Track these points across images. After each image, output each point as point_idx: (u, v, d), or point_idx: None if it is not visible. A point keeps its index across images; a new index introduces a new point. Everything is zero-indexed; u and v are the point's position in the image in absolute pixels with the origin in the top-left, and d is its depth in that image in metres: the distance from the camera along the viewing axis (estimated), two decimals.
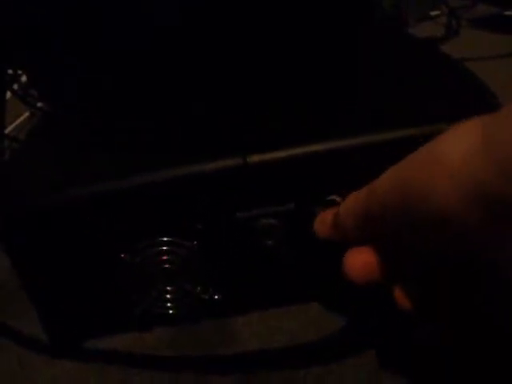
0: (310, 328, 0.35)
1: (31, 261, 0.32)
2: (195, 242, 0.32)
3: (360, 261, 0.26)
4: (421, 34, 0.73)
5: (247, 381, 0.33)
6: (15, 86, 0.62)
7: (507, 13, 0.80)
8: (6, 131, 0.58)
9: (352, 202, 0.27)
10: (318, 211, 0.32)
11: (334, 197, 0.32)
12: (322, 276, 0.35)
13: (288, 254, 0.33)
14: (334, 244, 0.29)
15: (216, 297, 0.34)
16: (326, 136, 0.31)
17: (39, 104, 0.62)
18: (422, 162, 0.20)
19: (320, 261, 0.33)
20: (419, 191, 0.20)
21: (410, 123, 0.31)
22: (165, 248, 0.32)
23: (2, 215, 0.30)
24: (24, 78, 0.66)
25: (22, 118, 0.63)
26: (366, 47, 0.42)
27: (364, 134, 0.31)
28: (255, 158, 0.30)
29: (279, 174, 0.31)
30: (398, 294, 0.26)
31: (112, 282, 0.33)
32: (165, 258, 0.32)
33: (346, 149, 0.31)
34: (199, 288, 0.34)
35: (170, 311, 0.34)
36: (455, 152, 0.18)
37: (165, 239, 0.31)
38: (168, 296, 0.34)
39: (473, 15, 0.83)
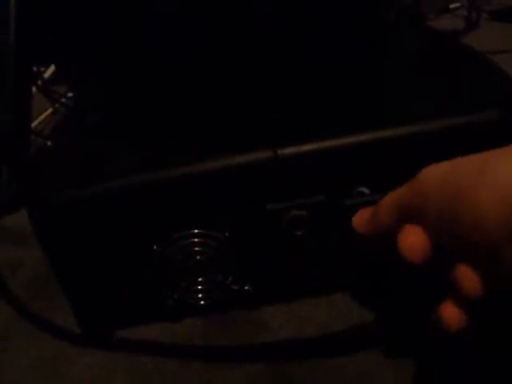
0: (338, 319, 0.35)
1: (65, 252, 0.33)
2: (226, 234, 0.32)
3: (417, 240, 0.26)
4: (440, 27, 0.73)
5: (276, 370, 0.33)
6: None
7: None
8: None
9: (395, 199, 0.28)
10: (348, 203, 0.32)
11: (363, 189, 0.32)
12: (351, 267, 0.35)
13: (317, 245, 0.33)
14: (372, 238, 0.29)
15: (246, 287, 0.35)
16: (356, 129, 0.31)
17: (62, 99, 0.63)
18: (474, 173, 0.22)
19: (348, 252, 0.34)
20: (470, 198, 0.22)
21: (438, 116, 0.31)
22: (196, 239, 0.32)
23: (38, 206, 0.31)
24: (47, 75, 0.67)
25: (45, 114, 0.64)
26: (391, 41, 0.42)
27: (393, 126, 0.31)
28: (286, 151, 0.30)
29: (309, 167, 0.31)
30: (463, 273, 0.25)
31: (144, 273, 0.34)
32: (196, 249, 0.33)
33: (376, 141, 0.31)
34: (230, 279, 0.34)
35: (201, 302, 0.35)
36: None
37: (196, 231, 0.32)
38: (199, 287, 0.34)
39: (493, 7, 0.82)
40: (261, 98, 0.36)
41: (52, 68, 0.69)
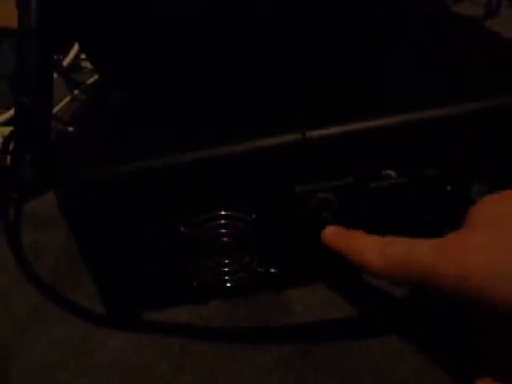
0: (362, 301, 0.36)
1: (93, 233, 0.33)
2: (253, 216, 0.32)
3: None
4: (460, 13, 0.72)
5: (302, 352, 0.33)
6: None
7: None
8: None
9: (413, 265, 0.26)
10: (375, 186, 0.32)
11: (389, 172, 0.32)
12: None
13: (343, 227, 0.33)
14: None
15: (272, 270, 0.35)
16: (383, 112, 0.31)
17: (82, 86, 0.63)
18: None
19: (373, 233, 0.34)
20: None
21: (462, 100, 0.31)
22: (223, 221, 0.32)
23: (67, 187, 0.31)
24: (65, 63, 0.68)
25: (65, 101, 0.65)
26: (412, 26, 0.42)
27: (419, 110, 0.31)
28: (314, 134, 0.30)
29: (337, 149, 0.31)
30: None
31: (171, 254, 0.34)
32: (223, 231, 0.33)
33: (403, 124, 0.31)
34: (256, 261, 0.34)
35: (227, 284, 0.35)
36: None
37: (223, 213, 0.32)
38: (225, 269, 0.35)
39: None
40: (290, 83, 0.36)
41: (71, 56, 0.69)
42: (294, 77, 0.36)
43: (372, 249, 0.28)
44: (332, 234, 0.32)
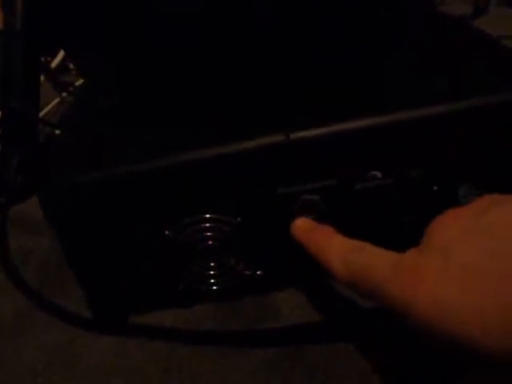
0: (350, 304, 0.35)
1: (77, 237, 0.33)
2: (238, 218, 0.32)
3: None
4: (448, 12, 0.72)
5: (288, 354, 0.33)
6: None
7: None
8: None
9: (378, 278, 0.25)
10: (360, 187, 0.32)
11: (375, 173, 0.32)
12: None
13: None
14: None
15: (258, 272, 0.35)
16: (367, 112, 0.31)
17: (70, 89, 0.63)
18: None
19: (360, 236, 0.34)
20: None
21: (451, 99, 0.31)
22: (208, 224, 0.32)
23: (50, 190, 0.31)
24: (53, 65, 0.67)
25: (52, 104, 0.64)
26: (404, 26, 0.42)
27: (405, 109, 0.31)
28: (298, 135, 0.30)
29: (321, 151, 0.31)
30: None
31: (156, 258, 0.34)
32: (208, 234, 0.33)
33: (388, 125, 0.31)
34: (242, 264, 0.34)
35: (213, 287, 0.35)
36: None
37: (208, 216, 0.32)
38: (211, 272, 0.34)
39: None
40: (273, 84, 0.36)
41: (58, 58, 0.69)
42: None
43: (336, 253, 0.27)
44: (302, 228, 0.31)
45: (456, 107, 0.31)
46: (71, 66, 0.71)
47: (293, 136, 0.30)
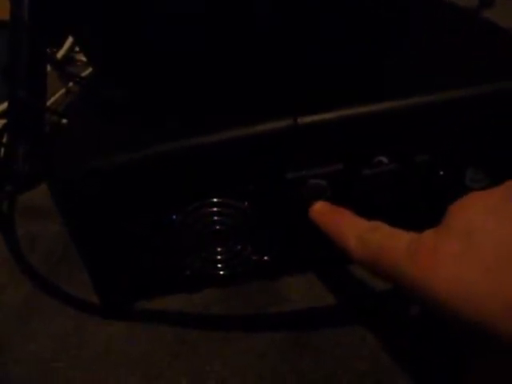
0: (357, 288, 0.36)
1: (88, 225, 0.33)
2: (246, 203, 0.32)
3: None
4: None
5: (296, 338, 0.33)
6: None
7: None
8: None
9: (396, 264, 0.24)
10: (367, 172, 0.32)
11: (381, 158, 0.32)
12: None
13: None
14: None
15: (265, 257, 0.35)
16: (375, 97, 0.31)
17: (76, 79, 0.63)
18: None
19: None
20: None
21: (456, 86, 0.31)
22: (216, 209, 0.32)
23: (59, 177, 0.31)
24: (60, 55, 0.68)
25: (59, 94, 0.64)
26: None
27: (412, 95, 0.31)
28: (306, 120, 0.30)
29: (328, 135, 0.31)
30: None
31: (163, 243, 0.34)
32: (216, 218, 0.33)
33: (395, 110, 0.31)
34: (249, 249, 0.34)
35: (220, 272, 0.35)
36: None
37: (216, 200, 0.32)
38: (218, 257, 0.35)
39: None
40: (281, 68, 0.36)
41: (65, 48, 0.69)
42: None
43: (353, 233, 0.27)
44: (320, 211, 0.31)
45: (462, 93, 0.30)
46: (77, 57, 0.72)
47: (300, 120, 0.30)
